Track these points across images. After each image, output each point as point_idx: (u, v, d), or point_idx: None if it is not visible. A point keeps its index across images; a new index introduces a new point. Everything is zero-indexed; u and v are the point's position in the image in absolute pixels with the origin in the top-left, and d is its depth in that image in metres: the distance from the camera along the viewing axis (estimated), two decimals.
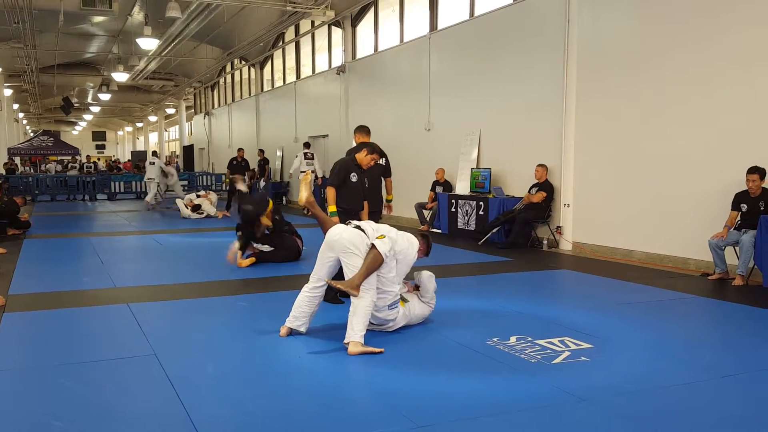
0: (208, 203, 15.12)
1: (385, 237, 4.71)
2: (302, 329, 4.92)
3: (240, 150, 17.77)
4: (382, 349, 4.48)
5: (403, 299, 5.16)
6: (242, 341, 4.86)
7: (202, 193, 15.89)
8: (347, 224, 4.93)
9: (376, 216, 7.06)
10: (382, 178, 7.36)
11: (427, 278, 5.34)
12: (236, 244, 8.28)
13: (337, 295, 6.06)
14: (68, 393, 3.74)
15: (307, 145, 17.48)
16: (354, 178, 6.17)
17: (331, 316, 5.53)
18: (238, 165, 16.96)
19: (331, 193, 6.10)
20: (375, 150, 6.30)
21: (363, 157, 6.25)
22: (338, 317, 5.40)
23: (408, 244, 4.96)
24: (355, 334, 4.52)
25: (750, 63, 7.37)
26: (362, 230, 4.77)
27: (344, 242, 4.71)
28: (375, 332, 4.99)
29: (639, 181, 8.74)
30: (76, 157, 29.98)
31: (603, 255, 9.21)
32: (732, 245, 7.17)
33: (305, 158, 16.93)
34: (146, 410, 3.52)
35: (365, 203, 6.39)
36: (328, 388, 3.85)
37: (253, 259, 8.29)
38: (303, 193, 5.13)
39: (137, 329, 5.13)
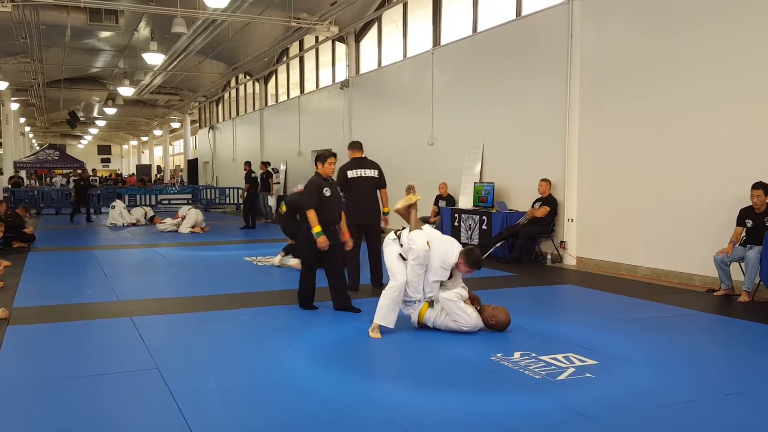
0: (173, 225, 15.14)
1: (430, 247, 5.29)
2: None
3: (246, 164, 17.46)
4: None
5: (431, 305, 5.44)
6: (244, 355, 4.85)
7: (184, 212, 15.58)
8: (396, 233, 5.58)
9: (376, 229, 7.11)
10: (377, 190, 7.40)
11: (445, 304, 5.41)
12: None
13: (351, 304, 6.35)
14: (71, 407, 3.73)
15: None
16: (327, 192, 6.33)
17: (335, 332, 5.52)
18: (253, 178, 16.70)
19: (312, 215, 6.19)
20: (327, 156, 6.43)
21: (323, 169, 6.43)
22: (342, 333, 5.40)
23: (446, 250, 5.35)
24: (376, 317, 5.32)
25: (755, 77, 7.36)
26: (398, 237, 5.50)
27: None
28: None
29: (643, 196, 8.72)
30: (78, 171, 30.07)
31: (607, 270, 9.17)
32: (737, 261, 7.14)
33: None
34: (149, 424, 3.51)
35: (342, 214, 6.62)
36: (331, 403, 3.83)
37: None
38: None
39: (140, 343, 5.12)
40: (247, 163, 17.03)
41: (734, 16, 7.58)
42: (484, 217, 10.75)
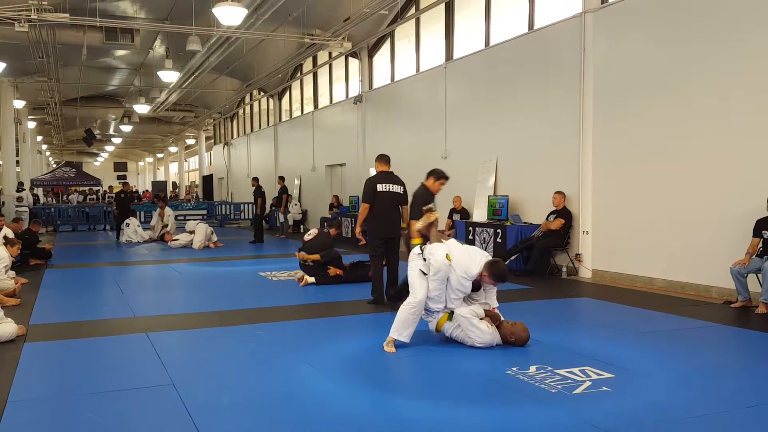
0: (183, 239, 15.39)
1: (450, 259, 5.25)
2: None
3: (254, 179, 17.60)
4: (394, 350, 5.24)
5: (450, 317, 5.41)
6: (260, 370, 4.85)
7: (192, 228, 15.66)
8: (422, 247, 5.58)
9: (396, 242, 7.21)
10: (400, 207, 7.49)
11: (460, 320, 5.38)
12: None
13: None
14: (87, 423, 3.74)
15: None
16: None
17: (350, 347, 5.52)
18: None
19: (415, 226, 6.42)
20: (441, 176, 6.91)
21: (433, 185, 6.85)
22: (357, 348, 5.38)
23: (468, 262, 5.30)
24: (392, 331, 5.31)
25: None
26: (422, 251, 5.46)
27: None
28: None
29: (659, 207, 8.67)
30: (94, 188, 30.36)
31: (623, 283, 9.10)
32: (754, 272, 7.06)
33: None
34: None
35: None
36: (347, 418, 3.82)
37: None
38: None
39: (155, 359, 5.14)
40: (255, 179, 17.22)
41: (750, 28, 7.55)
42: (499, 230, 10.72)
